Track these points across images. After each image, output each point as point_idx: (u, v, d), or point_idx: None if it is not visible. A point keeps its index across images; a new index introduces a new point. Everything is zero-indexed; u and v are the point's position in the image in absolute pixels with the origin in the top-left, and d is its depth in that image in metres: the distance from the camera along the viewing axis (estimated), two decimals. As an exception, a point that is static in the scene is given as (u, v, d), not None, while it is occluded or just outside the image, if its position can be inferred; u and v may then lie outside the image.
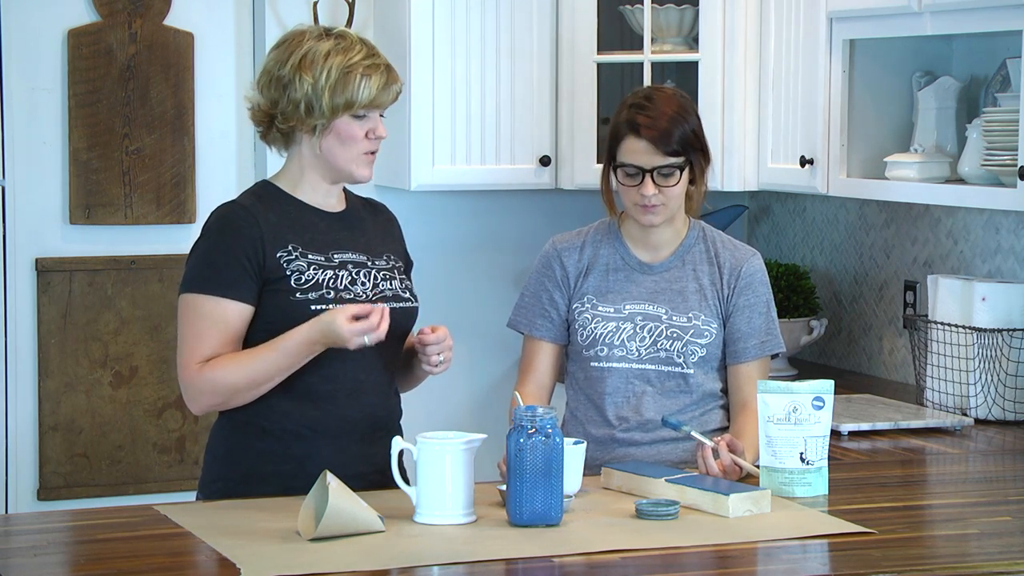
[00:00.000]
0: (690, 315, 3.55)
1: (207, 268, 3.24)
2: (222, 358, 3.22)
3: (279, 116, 3.29)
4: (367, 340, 3.17)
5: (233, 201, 3.34)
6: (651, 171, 3.49)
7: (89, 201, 5.00)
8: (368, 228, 3.41)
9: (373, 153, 3.32)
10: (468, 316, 5.21)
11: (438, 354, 3.31)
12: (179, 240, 5.07)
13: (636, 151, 3.50)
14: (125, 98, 5.02)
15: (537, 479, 2.95)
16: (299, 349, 3.20)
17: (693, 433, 3.35)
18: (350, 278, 3.30)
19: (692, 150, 3.51)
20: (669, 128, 3.48)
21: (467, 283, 5.30)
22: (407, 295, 3.38)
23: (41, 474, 5.00)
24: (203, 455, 3.43)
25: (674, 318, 3.55)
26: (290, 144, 3.34)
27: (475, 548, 2.85)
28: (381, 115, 3.33)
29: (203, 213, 5.03)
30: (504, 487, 3.04)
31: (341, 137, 3.28)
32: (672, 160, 3.49)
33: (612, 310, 3.57)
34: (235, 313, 3.23)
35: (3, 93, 4.92)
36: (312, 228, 3.31)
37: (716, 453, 3.29)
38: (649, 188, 3.49)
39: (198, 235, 3.31)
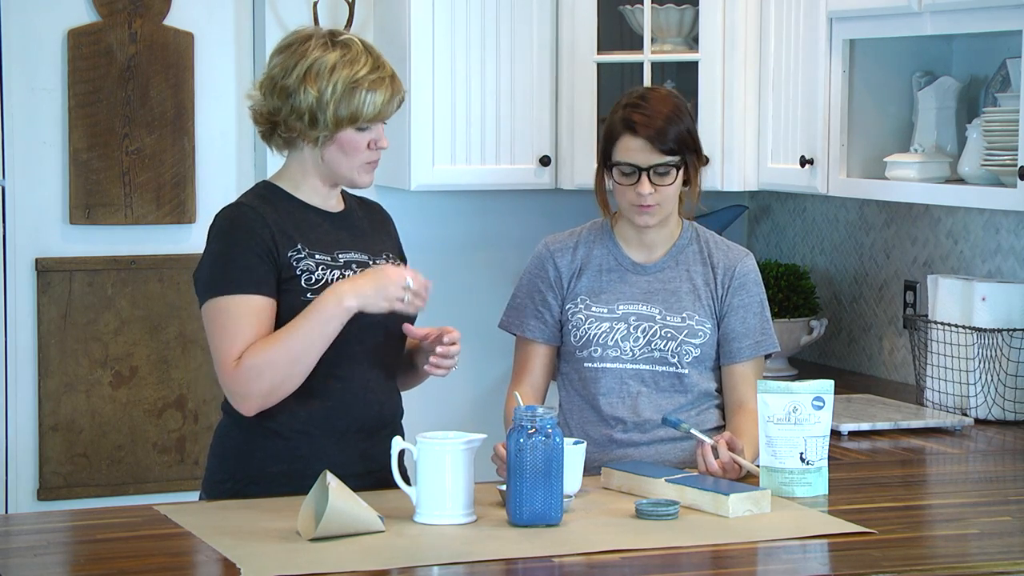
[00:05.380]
0: (684, 315, 3.55)
1: (229, 268, 3.19)
2: (254, 344, 3.15)
3: (281, 124, 3.27)
4: (410, 283, 3.20)
5: (238, 202, 3.31)
6: (647, 169, 3.49)
7: (89, 201, 5.00)
8: (366, 227, 3.41)
9: (374, 162, 3.31)
10: (468, 316, 5.20)
11: (452, 356, 3.32)
12: (179, 240, 5.07)
13: (632, 149, 3.49)
14: (125, 98, 5.02)
15: (537, 479, 2.95)
16: (327, 308, 3.15)
17: (692, 431, 3.35)
18: (355, 278, 3.30)
19: (687, 150, 3.51)
20: (665, 126, 3.48)
21: (467, 283, 5.30)
22: None
23: (41, 474, 4.99)
24: (205, 455, 3.42)
25: (668, 318, 3.55)
26: (292, 148, 3.32)
27: (475, 548, 2.85)
28: (383, 123, 3.32)
29: (203, 213, 5.03)
30: (504, 487, 3.04)
31: (344, 148, 3.26)
32: (668, 159, 3.49)
33: (605, 310, 3.57)
34: (265, 307, 3.18)
35: (3, 93, 4.92)
36: (316, 228, 3.31)
37: (715, 451, 3.29)
38: (645, 187, 3.49)
39: (208, 240, 3.26)
